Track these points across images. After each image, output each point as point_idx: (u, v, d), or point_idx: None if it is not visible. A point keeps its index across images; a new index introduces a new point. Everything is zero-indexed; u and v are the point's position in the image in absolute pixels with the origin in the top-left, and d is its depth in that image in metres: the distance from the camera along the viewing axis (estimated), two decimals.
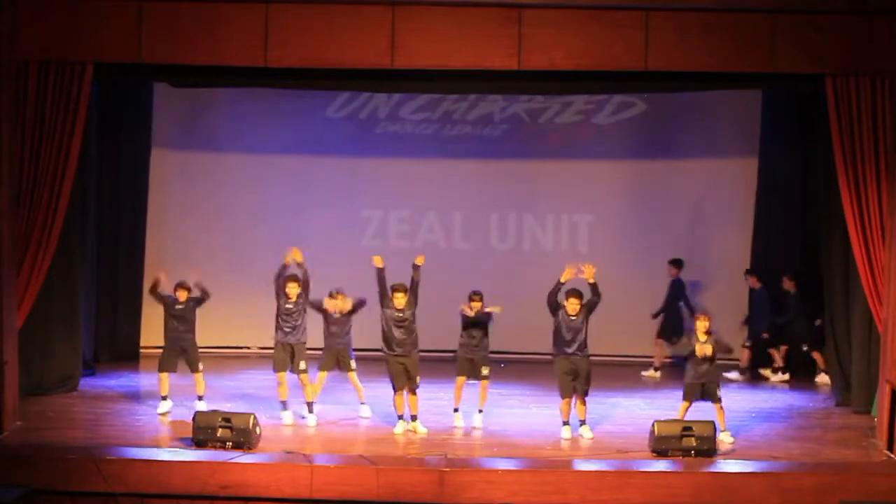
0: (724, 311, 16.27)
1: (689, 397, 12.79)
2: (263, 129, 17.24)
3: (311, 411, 13.29)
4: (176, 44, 12.67)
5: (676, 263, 16.60)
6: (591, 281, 12.81)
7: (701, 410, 12.72)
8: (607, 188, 17.41)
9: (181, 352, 13.56)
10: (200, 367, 13.57)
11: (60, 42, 12.62)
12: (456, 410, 13.36)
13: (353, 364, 13.52)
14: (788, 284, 16.08)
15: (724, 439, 12.59)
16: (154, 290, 13.66)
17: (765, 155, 16.76)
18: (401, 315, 12.94)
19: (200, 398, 13.56)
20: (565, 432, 12.83)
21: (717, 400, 12.77)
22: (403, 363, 12.93)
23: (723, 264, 17.12)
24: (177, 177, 17.19)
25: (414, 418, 13.00)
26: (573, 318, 12.78)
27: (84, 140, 13.13)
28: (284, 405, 13.35)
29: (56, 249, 12.92)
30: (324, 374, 13.55)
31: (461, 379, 13.28)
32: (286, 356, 13.33)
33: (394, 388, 13.04)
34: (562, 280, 12.76)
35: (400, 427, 12.97)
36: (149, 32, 12.63)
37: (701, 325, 12.79)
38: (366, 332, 13.91)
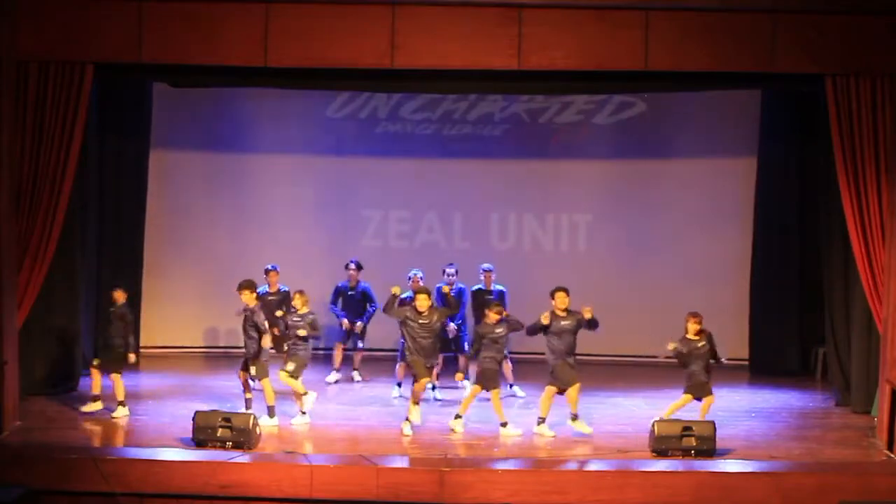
0: (723, 311, 16.26)
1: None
2: (263, 129, 17.23)
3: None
4: (176, 44, 12.66)
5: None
6: (589, 317, 12.80)
7: (692, 410, 12.77)
8: (607, 188, 17.40)
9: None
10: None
11: (60, 42, 12.61)
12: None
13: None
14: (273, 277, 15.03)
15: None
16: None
17: (764, 155, 16.74)
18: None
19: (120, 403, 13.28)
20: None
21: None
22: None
23: (722, 264, 17.11)
24: (176, 177, 17.16)
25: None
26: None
27: (84, 140, 13.12)
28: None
29: (56, 249, 12.90)
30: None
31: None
32: None
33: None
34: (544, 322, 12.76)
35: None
36: (149, 32, 12.62)
37: (692, 326, 12.79)
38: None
